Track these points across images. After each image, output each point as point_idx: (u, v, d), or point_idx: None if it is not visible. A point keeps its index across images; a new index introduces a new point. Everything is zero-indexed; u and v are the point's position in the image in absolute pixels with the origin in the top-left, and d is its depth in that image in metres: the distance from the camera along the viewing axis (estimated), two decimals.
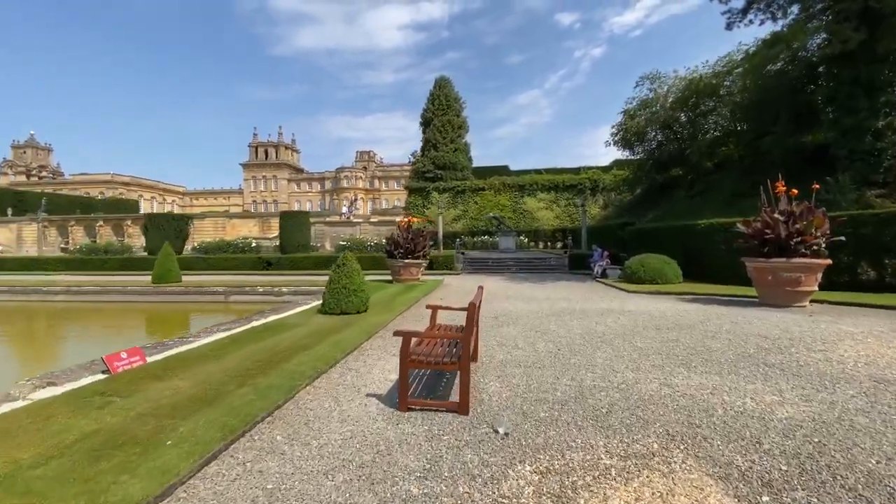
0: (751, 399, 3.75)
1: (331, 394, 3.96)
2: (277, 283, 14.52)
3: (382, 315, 7.82)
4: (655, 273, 12.54)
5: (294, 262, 21.63)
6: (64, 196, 67.13)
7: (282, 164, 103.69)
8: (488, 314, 8.33)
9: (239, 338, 6.13)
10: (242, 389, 3.84)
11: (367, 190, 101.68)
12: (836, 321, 7.19)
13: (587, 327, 7.02)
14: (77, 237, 39.69)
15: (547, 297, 10.79)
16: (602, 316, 8.05)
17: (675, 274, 12.74)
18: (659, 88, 26.66)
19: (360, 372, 4.66)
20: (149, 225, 25.55)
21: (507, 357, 5.23)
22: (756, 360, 4.98)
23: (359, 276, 7.94)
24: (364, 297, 7.98)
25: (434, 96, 39.44)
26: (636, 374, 4.51)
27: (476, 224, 35.43)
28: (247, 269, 21.88)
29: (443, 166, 37.94)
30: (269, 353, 5.19)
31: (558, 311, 8.74)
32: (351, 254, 8.19)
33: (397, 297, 10.28)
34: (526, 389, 4.03)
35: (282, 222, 24.55)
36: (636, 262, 13.11)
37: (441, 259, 20.30)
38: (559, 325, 7.18)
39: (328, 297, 7.80)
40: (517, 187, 36.89)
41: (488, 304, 9.59)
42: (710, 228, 12.83)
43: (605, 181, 36.84)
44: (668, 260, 12.91)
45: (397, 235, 13.75)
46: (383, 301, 9.65)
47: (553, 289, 12.83)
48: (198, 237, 38.46)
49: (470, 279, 16.50)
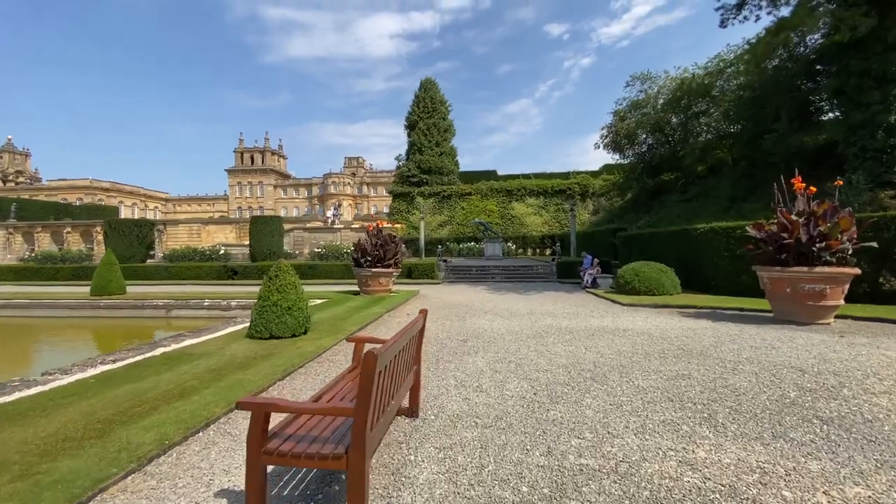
0: (824, 495, 2.36)
1: (153, 498, 2.46)
2: (233, 294, 12.92)
3: (323, 339, 6.34)
4: (652, 283, 11.23)
5: (262, 270, 19.98)
6: (38, 202, 64.18)
7: (268, 169, 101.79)
8: (456, 335, 6.89)
9: (114, 375, 4.61)
10: (5, 489, 2.34)
11: (356, 196, 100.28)
12: (874, 343, 5.88)
13: (574, 355, 5.61)
14: (44, 244, 37.47)
15: (530, 312, 9.39)
16: (592, 337, 6.66)
17: (673, 284, 11.45)
18: (650, 89, 25.75)
19: (237, 440, 3.17)
20: (109, 231, 23.68)
21: (463, 408, 3.79)
22: (803, 410, 3.61)
23: (295, 290, 6.46)
24: (301, 317, 6.49)
25: (419, 98, 38.19)
26: (641, 439, 3.10)
27: (462, 230, 34.06)
28: (211, 278, 20.21)
29: (428, 170, 36.60)
30: (132, 402, 3.70)
31: (541, 330, 7.33)
32: (287, 263, 6.71)
33: (355, 314, 8.79)
34: (476, 480, 2.58)
35: (252, 228, 22.89)
36: (629, 270, 11.80)
37: (422, 267, 18.86)
38: (540, 353, 5.76)
39: (255, 317, 6.31)
40: (505, 192, 35.66)
41: (460, 322, 8.16)
42: (710, 233, 11.59)
43: (595, 186, 35.82)
44: (664, 268, 11.62)
45: (364, 241, 12.27)
46: (335, 319, 8.16)
47: (538, 301, 11.44)
48: (171, 244, 36.58)
49: (450, 289, 15.08)
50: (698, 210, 19.28)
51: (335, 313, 8.73)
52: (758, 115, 16.77)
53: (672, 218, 20.11)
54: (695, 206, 20.12)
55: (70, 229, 36.98)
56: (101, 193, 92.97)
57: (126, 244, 23.69)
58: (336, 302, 10.61)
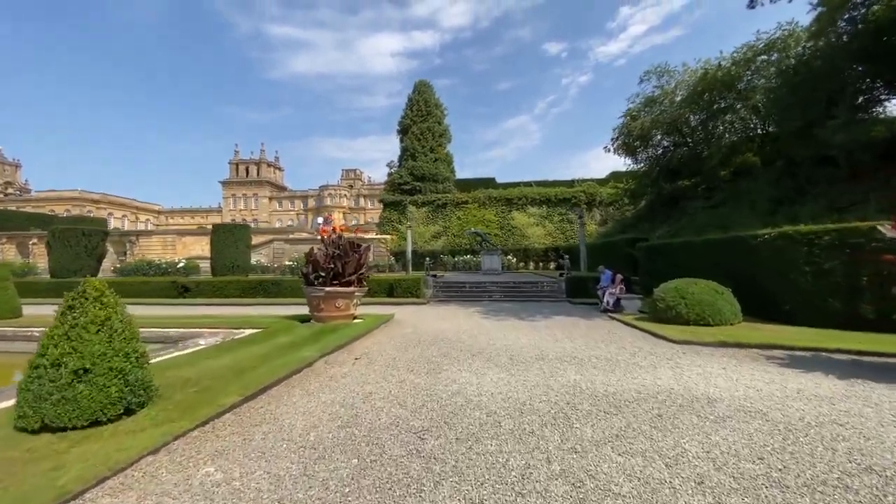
0: None
1: None
2: (166, 320, 9.79)
3: (159, 427, 3.30)
4: (705, 309, 8.18)
5: (219, 287, 16.97)
6: (24, 213, 61.58)
7: (263, 181, 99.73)
8: (412, 416, 3.84)
9: None
10: None
11: (353, 209, 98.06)
12: None
13: (649, 485, 2.55)
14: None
15: (540, 355, 6.32)
16: (661, 423, 3.60)
17: (733, 310, 8.40)
18: (667, 84, 23.08)
19: None
20: (52, 241, 20.69)
21: None
22: None
23: (108, 331, 3.46)
24: (119, 385, 3.45)
25: (413, 101, 35.63)
26: None
27: (458, 242, 31.09)
28: (157, 295, 17.15)
29: (422, 177, 33.79)
30: None
31: (563, 398, 4.29)
32: (98, 282, 3.69)
33: (273, 359, 5.71)
34: None
35: (214, 238, 19.85)
36: (671, 291, 8.76)
37: (406, 284, 15.83)
38: (574, 479, 2.70)
39: (23, 391, 3.28)
40: (505, 201, 32.76)
41: (430, 377, 5.10)
42: (781, 241, 8.58)
43: (603, 194, 32.96)
44: (719, 288, 8.58)
45: (318, 252, 9.29)
46: (229, 371, 5.08)
47: (549, 332, 8.39)
48: (147, 256, 33.62)
49: (436, 312, 12.03)
50: (731, 217, 16.33)
51: (240, 359, 5.65)
52: (807, 103, 13.92)
53: (699, 226, 17.14)
54: (725, 213, 17.17)
55: (6, 240, 33.85)
56: (90, 205, 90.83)
57: (72, 256, 20.67)
58: (264, 336, 7.55)
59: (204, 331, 8.45)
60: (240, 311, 13.24)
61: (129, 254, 39.46)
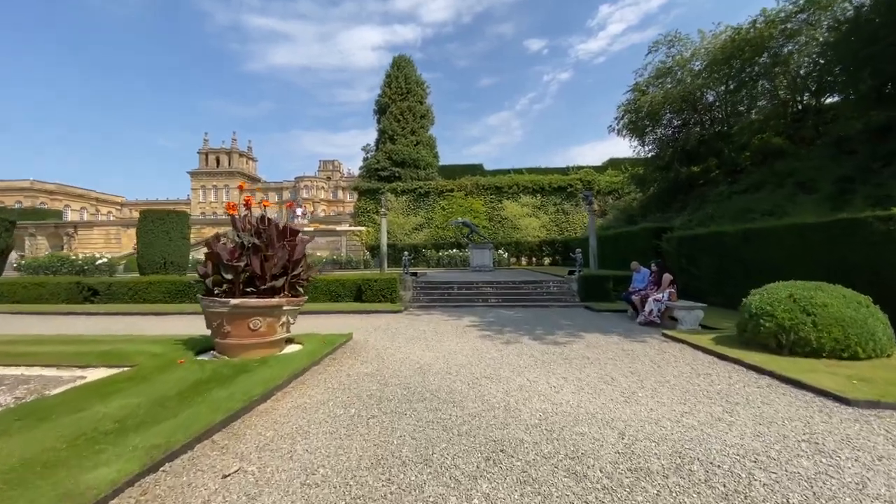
0: None
1: None
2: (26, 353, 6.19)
3: None
4: (849, 330, 5.04)
5: (137, 289, 13.15)
6: None
7: (235, 172, 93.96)
8: None
9: None
10: None
11: (330, 201, 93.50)
12: None
13: None
14: None
15: (626, 450, 3.02)
16: None
17: (888, 333, 5.27)
18: (680, 52, 20.01)
19: None
20: None
21: None
22: None
23: None
24: None
25: (391, 77, 31.78)
26: None
27: (443, 234, 27.69)
28: (59, 301, 13.26)
29: (402, 163, 30.11)
30: None
31: None
32: None
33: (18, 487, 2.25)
34: None
35: (140, 228, 15.90)
36: (781, 299, 5.58)
37: (378, 285, 12.37)
38: None
39: None
40: (494, 189, 29.43)
41: None
42: None
43: (601, 183, 30.01)
44: (861, 299, 5.45)
45: (223, 241, 5.79)
46: None
47: (598, 374, 5.12)
48: (88, 250, 29.14)
49: (414, 327, 8.65)
50: (775, 202, 13.37)
51: None
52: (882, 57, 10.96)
53: (735, 213, 14.14)
54: (767, 198, 14.22)
55: None
56: (43, 196, 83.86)
57: None
58: (84, 396, 4.00)
59: (6, 374, 4.89)
60: (148, 323, 9.63)
61: (66, 247, 34.75)
